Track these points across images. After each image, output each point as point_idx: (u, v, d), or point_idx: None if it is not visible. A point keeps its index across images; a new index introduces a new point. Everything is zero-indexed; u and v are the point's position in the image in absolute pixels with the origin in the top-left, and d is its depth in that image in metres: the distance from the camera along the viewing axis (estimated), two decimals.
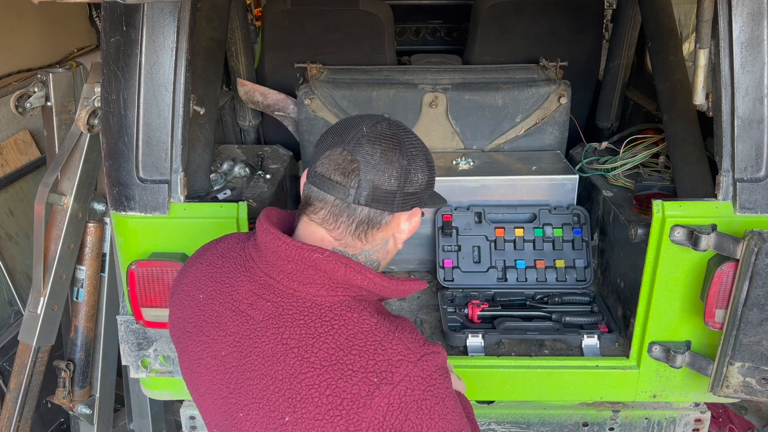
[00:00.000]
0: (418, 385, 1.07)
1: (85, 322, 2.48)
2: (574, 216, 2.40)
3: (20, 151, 2.79)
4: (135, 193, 1.85)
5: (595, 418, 2.22)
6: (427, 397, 1.07)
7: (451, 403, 1.12)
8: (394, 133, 1.20)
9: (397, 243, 1.27)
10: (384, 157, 1.16)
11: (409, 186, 1.19)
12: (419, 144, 1.23)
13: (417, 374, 1.07)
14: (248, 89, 3.02)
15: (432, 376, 1.09)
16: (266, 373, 1.12)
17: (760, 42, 1.71)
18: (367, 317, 1.13)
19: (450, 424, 1.09)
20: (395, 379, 1.06)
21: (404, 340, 1.11)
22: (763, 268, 1.65)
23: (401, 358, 1.08)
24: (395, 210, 1.20)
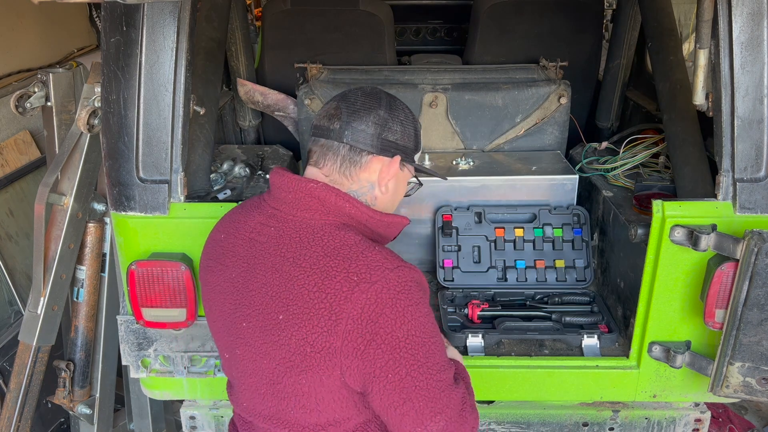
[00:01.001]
0: (394, 286, 1.23)
1: (85, 322, 2.48)
2: (574, 216, 2.40)
3: (20, 151, 2.79)
4: (135, 193, 1.85)
5: (595, 418, 2.22)
6: (401, 298, 1.23)
7: (425, 310, 1.28)
8: (380, 92, 1.44)
9: (380, 188, 1.42)
10: (364, 105, 1.39)
11: (387, 133, 1.39)
12: (403, 107, 1.45)
13: (393, 278, 1.24)
14: (248, 89, 3.02)
15: (408, 283, 1.26)
16: (266, 282, 1.31)
17: (760, 42, 1.71)
18: (352, 235, 1.30)
19: (422, 326, 1.25)
20: (373, 279, 1.22)
21: (383, 253, 1.29)
22: (763, 268, 1.65)
23: (379, 264, 1.25)
24: (374, 152, 1.39)
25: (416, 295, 1.26)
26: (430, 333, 1.27)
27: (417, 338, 1.24)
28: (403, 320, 1.23)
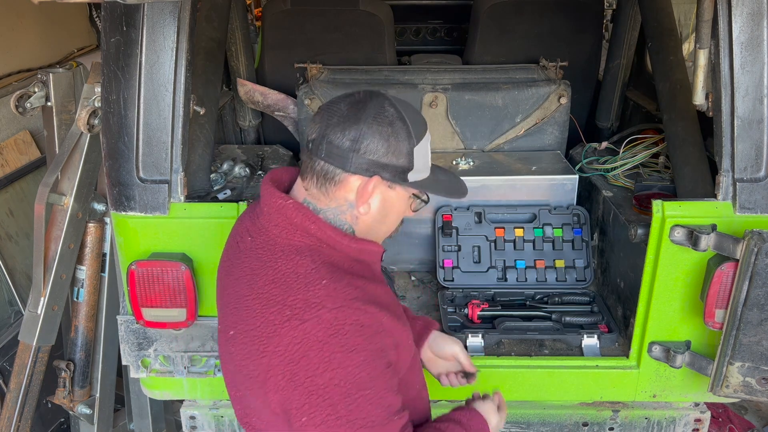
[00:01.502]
0: (326, 328, 1.13)
1: (85, 322, 2.47)
2: (574, 216, 2.40)
3: (20, 151, 2.79)
4: (135, 193, 1.85)
5: (595, 418, 2.22)
6: (332, 342, 1.13)
7: (360, 358, 1.14)
8: (369, 100, 1.27)
9: (359, 208, 1.27)
10: (344, 116, 1.24)
11: (364, 149, 1.22)
12: (395, 119, 1.24)
13: (328, 319, 1.14)
14: (248, 89, 3.02)
15: (345, 326, 1.14)
16: (232, 293, 1.28)
17: (760, 42, 1.71)
18: (307, 263, 1.21)
19: (351, 376, 1.14)
20: (305, 316, 1.14)
21: (331, 290, 1.17)
22: (762, 268, 1.65)
23: (318, 302, 1.15)
24: (349, 169, 1.23)
25: (352, 340, 1.14)
26: (361, 384, 1.14)
27: (340, 388, 1.13)
28: (328, 366, 1.13)
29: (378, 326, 1.19)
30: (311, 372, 1.13)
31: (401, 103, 1.30)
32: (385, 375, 1.20)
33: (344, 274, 1.23)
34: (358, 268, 1.29)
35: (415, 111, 1.32)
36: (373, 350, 1.17)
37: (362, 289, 1.22)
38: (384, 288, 1.34)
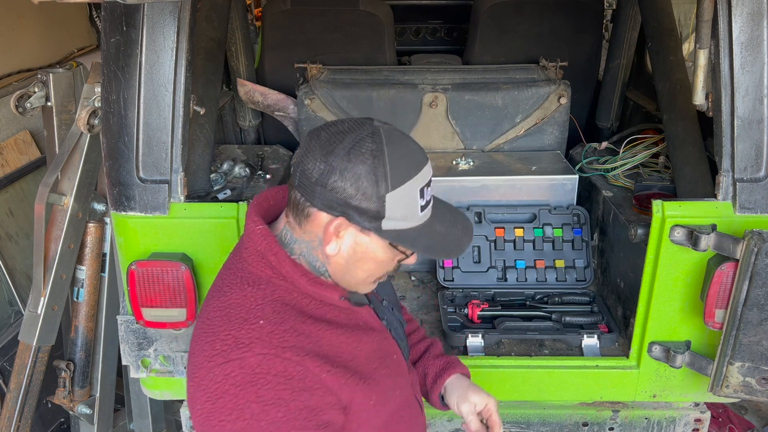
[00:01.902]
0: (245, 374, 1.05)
1: (85, 322, 2.48)
2: (574, 216, 2.40)
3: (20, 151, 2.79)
4: (135, 193, 1.85)
5: (595, 418, 2.22)
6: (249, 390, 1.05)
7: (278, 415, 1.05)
8: (351, 132, 1.11)
9: (326, 247, 1.14)
10: (319, 144, 1.11)
11: (332, 185, 1.08)
12: (373, 158, 1.08)
13: (251, 364, 1.06)
14: (248, 89, 3.02)
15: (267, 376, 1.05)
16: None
17: (760, 42, 1.71)
18: (257, 297, 1.13)
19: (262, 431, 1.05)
20: (230, 356, 1.07)
21: (265, 333, 1.09)
22: (763, 268, 1.65)
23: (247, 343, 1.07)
24: (316, 204, 1.12)
25: (273, 392, 1.05)
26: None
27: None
28: (240, 415, 1.05)
29: (310, 382, 1.08)
30: (224, 416, 1.05)
31: (395, 137, 1.12)
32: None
33: (292, 318, 1.13)
34: (321, 312, 1.18)
35: (408, 150, 1.13)
36: (299, 408, 1.06)
37: (308, 337, 1.12)
38: (357, 339, 1.22)
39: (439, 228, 1.19)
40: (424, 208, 1.15)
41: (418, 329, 1.66)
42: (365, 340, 1.24)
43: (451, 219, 1.23)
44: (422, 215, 1.15)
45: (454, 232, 1.21)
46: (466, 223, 1.26)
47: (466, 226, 1.25)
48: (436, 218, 1.19)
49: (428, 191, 1.15)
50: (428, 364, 1.55)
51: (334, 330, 1.18)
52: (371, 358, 1.24)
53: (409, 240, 1.14)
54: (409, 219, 1.13)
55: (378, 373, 1.24)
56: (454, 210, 1.28)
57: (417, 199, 1.12)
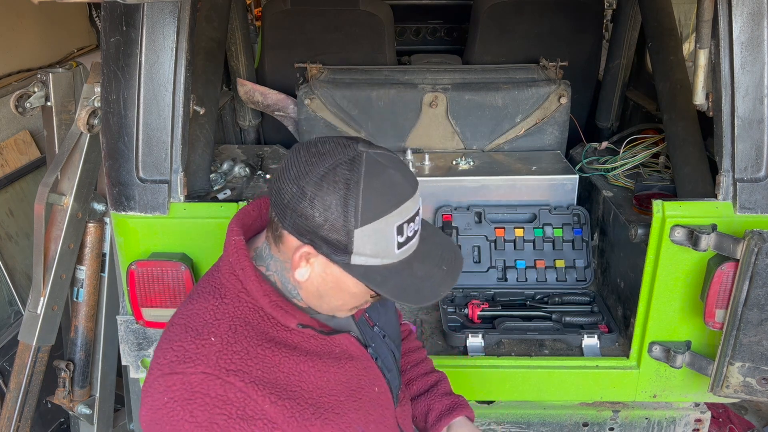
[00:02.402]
0: (184, 390, 1.02)
1: (85, 322, 2.47)
2: (574, 216, 2.40)
3: (20, 151, 2.79)
4: (135, 193, 1.85)
5: (595, 418, 2.22)
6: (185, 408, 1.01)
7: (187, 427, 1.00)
8: (329, 156, 1.03)
9: (295, 273, 1.08)
10: (296, 165, 1.04)
11: (301, 211, 1.02)
12: (344, 188, 1.00)
13: (192, 381, 1.02)
14: (248, 89, 3.02)
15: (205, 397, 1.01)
16: None
17: (760, 42, 1.71)
18: (217, 312, 1.09)
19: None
20: (176, 369, 1.03)
21: (213, 351, 1.04)
22: (763, 268, 1.65)
23: (194, 359, 1.03)
24: (286, 227, 1.06)
25: (206, 414, 1.00)
26: None
27: None
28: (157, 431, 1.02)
29: (251, 411, 1.02)
30: (159, 428, 1.02)
31: (377, 166, 1.03)
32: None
33: (247, 339, 1.07)
34: (284, 336, 1.12)
35: (389, 183, 1.03)
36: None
37: (259, 362, 1.06)
38: (324, 368, 1.15)
39: (417, 268, 1.09)
40: (402, 245, 1.06)
41: (425, 360, 1.58)
42: (334, 370, 1.17)
43: (438, 257, 1.13)
44: (399, 252, 1.06)
45: (435, 275, 1.11)
46: (455, 262, 1.15)
47: (452, 267, 1.14)
48: (418, 256, 1.10)
49: (410, 227, 1.06)
50: (434, 401, 1.48)
51: (296, 357, 1.11)
52: (339, 389, 1.17)
53: (377, 280, 1.05)
54: (381, 256, 1.05)
55: (343, 406, 1.16)
56: (446, 244, 1.18)
57: (393, 237, 1.04)
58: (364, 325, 1.31)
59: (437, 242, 1.16)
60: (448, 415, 1.44)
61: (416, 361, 1.56)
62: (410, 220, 1.06)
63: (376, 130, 2.67)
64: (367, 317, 1.33)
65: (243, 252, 1.12)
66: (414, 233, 1.08)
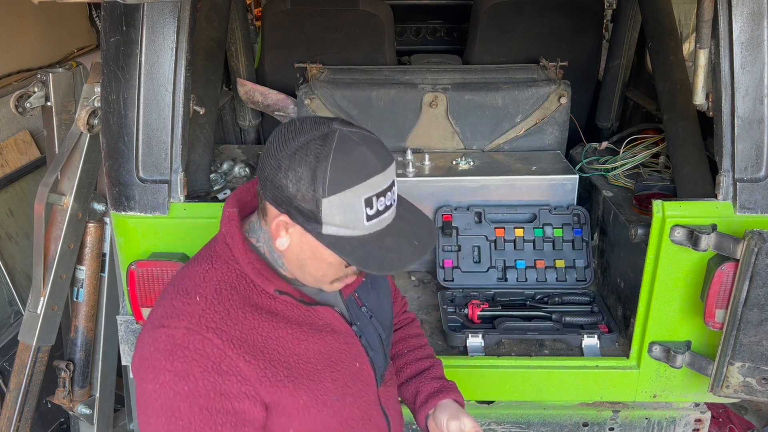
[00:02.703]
0: (168, 342, 1.11)
1: (85, 322, 2.47)
2: (574, 216, 2.40)
3: (20, 151, 2.79)
4: (135, 193, 1.85)
5: (595, 418, 2.22)
6: (167, 358, 1.10)
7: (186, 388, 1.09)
8: (304, 130, 1.10)
9: (276, 242, 1.16)
10: (278, 138, 1.12)
11: (277, 184, 1.10)
12: (312, 162, 1.07)
13: (176, 335, 1.11)
14: (248, 89, 3.02)
15: (185, 349, 1.10)
16: None
17: (760, 42, 1.71)
18: (207, 275, 1.18)
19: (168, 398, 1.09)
20: (164, 323, 1.13)
21: (197, 309, 1.13)
22: (763, 268, 1.65)
23: (179, 315, 1.13)
24: (267, 198, 1.14)
25: (185, 366, 1.09)
26: (177, 413, 1.09)
27: (158, 405, 1.10)
28: (155, 378, 1.11)
29: (226, 366, 1.11)
30: (144, 376, 1.12)
31: (350, 142, 1.09)
32: (214, 419, 1.09)
33: (230, 301, 1.16)
34: (267, 303, 1.19)
35: (358, 158, 1.09)
36: (207, 388, 1.09)
37: (238, 323, 1.14)
38: (304, 336, 1.21)
39: (387, 242, 1.14)
40: (372, 218, 1.11)
41: (424, 346, 1.61)
42: (314, 340, 1.23)
43: (411, 234, 1.18)
44: (369, 225, 1.11)
45: (403, 248, 1.15)
46: (427, 240, 1.20)
47: (423, 243, 1.19)
48: (391, 231, 1.15)
49: (381, 201, 1.11)
50: (423, 383, 1.51)
51: (275, 322, 1.18)
52: (318, 359, 1.23)
53: (345, 249, 1.11)
54: (350, 227, 1.10)
55: (320, 375, 1.22)
56: (422, 224, 1.23)
57: (361, 209, 1.09)
58: (352, 304, 1.36)
59: (414, 221, 1.21)
60: (435, 397, 1.47)
61: (414, 347, 1.59)
62: (380, 194, 1.11)
63: (376, 130, 2.62)
64: (356, 297, 1.37)
65: (234, 223, 1.21)
66: (385, 208, 1.13)
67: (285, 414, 1.19)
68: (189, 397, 1.09)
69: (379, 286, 1.45)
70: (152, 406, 1.10)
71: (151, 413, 1.11)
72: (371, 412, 1.36)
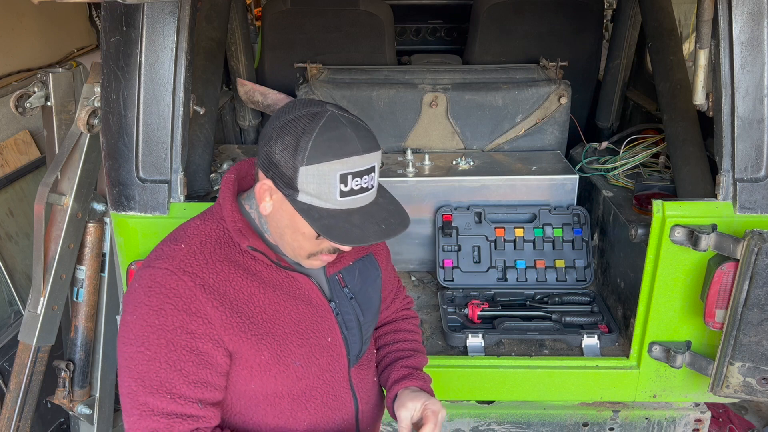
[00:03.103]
0: (149, 279, 1.23)
1: (85, 322, 2.47)
2: (574, 216, 2.40)
3: (20, 151, 2.79)
4: (135, 193, 1.85)
5: (595, 418, 2.22)
6: (146, 293, 1.22)
7: (157, 321, 1.19)
8: (301, 109, 1.19)
9: (260, 206, 1.24)
10: (274, 117, 1.22)
11: (267, 150, 1.19)
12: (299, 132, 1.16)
13: (157, 274, 1.22)
14: (248, 89, 3.02)
15: (162, 287, 1.21)
16: None
17: (760, 42, 1.71)
18: (197, 229, 1.29)
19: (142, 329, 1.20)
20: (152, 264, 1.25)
21: (179, 254, 1.24)
22: (763, 268, 1.65)
23: (164, 257, 1.25)
24: (259, 164, 1.24)
25: (159, 300, 1.20)
26: (147, 343, 1.18)
27: (132, 334, 1.20)
28: (134, 311, 1.22)
29: (194, 308, 1.20)
30: (127, 308, 1.24)
31: (336, 123, 1.17)
32: (180, 354, 1.19)
33: (212, 254, 1.26)
34: (249, 263, 1.28)
35: (340, 137, 1.16)
36: (176, 324, 1.19)
37: (214, 273, 1.24)
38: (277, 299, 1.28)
39: (355, 219, 1.19)
40: (345, 195, 1.17)
41: (412, 341, 1.62)
42: (286, 305, 1.30)
43: (382, 219, 1.22)
44: (342, 201, 1.18)
45: (369, 227, 1.20)
46: (397, 226, 1.23)
47: (391, 228, 1.22)
48: (362, 212, 1.20)
49: (356, 181, 1.17)
50: (393, 371, 1.52)
51: (249, 279, 1.27)
52: (287, 322, 1.29)
53: (314, 216, 1.18)
54: (323, 198, 1.17)
55: (286, 338, 1.29)
56: (397, 212, 1.26)
57: (335, 183, 1.16)
58: (334, 282, 1.41)
59: (390, 210, 1.26)
60: (397, 384, 1.48)
61: (401, 339, 1.61)
62: (356, 174, 1.17)
63: (376, 130, 2.63)
64: (340, 277, 1.42)
65: (228, 186, 1.31)
66: (361, 189, 1.19)
67: (247, 367, 1.27)
68: (159, 329, 1.19)
69: (368, 275, 1.48)
70: (127, 336, 1.21)
71: (125, 341, 1.21)
72: (339, 389, 1.41)
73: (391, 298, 1.65)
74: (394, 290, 1.66)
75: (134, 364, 1.19)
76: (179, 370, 1.19)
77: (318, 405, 1.37)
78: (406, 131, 2.68)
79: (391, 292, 1.64)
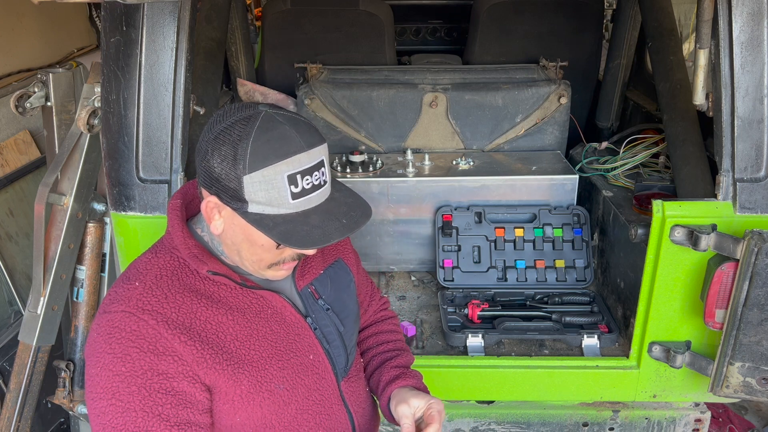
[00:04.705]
0: (107, 326, 1.14)
1: (85, 322, 2.47)
2: (574, 216, 2.40)
3: (20, 151, 2.79)
4: (135, 193, 1.85)
5: (595, 418, 2.22)
6: (107, 341, 1.14)
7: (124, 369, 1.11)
8: (234, 115, 1.12)
9: (210, 225, 1.18)
10: (207, 129, 1.14)
11: (205, 166, 1.12)
12: (234, 141, 1.08)
13: (114, 319, 1.14)
14: (248, 89, 3.02)
15: (122, 332, 1.13)
16: None
17: (760, 42, 1.71)
18: (148, 264, 1.21)
19: (109, 380, 1.12)
20: (107, 309, 1.17)
21: (135, 294, 1.17)
22: (763, 268, 1.65)
23: (119, 299, 1.17)
24: (200, 182, 1.17)
25: (122, 347, 1.11)
26: (116, 394, 1.10)
27: (101, 387, 1.12)
28: (97, 362, 1.14)
29: (161, 347, 1.13)
30: (89, 360, 1.17)
31: (273, 123, 1.10)
32: (156, 399, 1.11)
33: (169, 287, 1.18)
34: (209, 289, 1.21)
35: (280, 137, 1.09)
36: (144, 368, 1.11)
37: (176, 307, 1.16)
38: (247, 323, 1.22)
39: (313, 219, 1.13)
40: (298, 196, 1.11)
41: (395, 341, 1.60)
42: (259, 327, 1.24)
43: (342, 213, 1.17)
44: (296, 203, 1.11)
45: (330, 226, 1.14)
46: (359, 219, 1.18)
47: (353, 222, 1.17)
48: (319, 211, 1.14)
49: (306, 179, 1.10)
50: (383, 373, 1.48)
51: (214, 308, 1.20)
52: (263, 346, 1.23)
53: (267, 225, 1.11)
54: (275, 204, 1.11)
55: (265, 362, 1.22)
56: (357, 205, 1.21)
57: (284, 186, 1.09)
58: (307, 296, 1.35)
59: (349, 202, 1.21)
60: (391, 384, 1.45)
61: (383, 341, 1.58)
62: (305, 172, 1.10)
63: (376, 130, 2.67)
64: (312, 290, 1.36)
65: (175, 212, 1.23)
66: (313, 187, 1.12)
67: (228, 401, 1.20)
68: (127, 377, 1.11)
69: (341, 282, 1.43)
70: (95, 390, 1.13)
71: (95, 397, 1.13)
72: (332, 407, 1.35)
73: (368, 302, 1.60)
74: (369, 293, 1.62)
75: (108, 419, 1.10)
76: (158, 415, 1.10)
77: (312, 427, 1.31)
78: (406, 131, 2.68)
79: (367, 295, 1.60)
